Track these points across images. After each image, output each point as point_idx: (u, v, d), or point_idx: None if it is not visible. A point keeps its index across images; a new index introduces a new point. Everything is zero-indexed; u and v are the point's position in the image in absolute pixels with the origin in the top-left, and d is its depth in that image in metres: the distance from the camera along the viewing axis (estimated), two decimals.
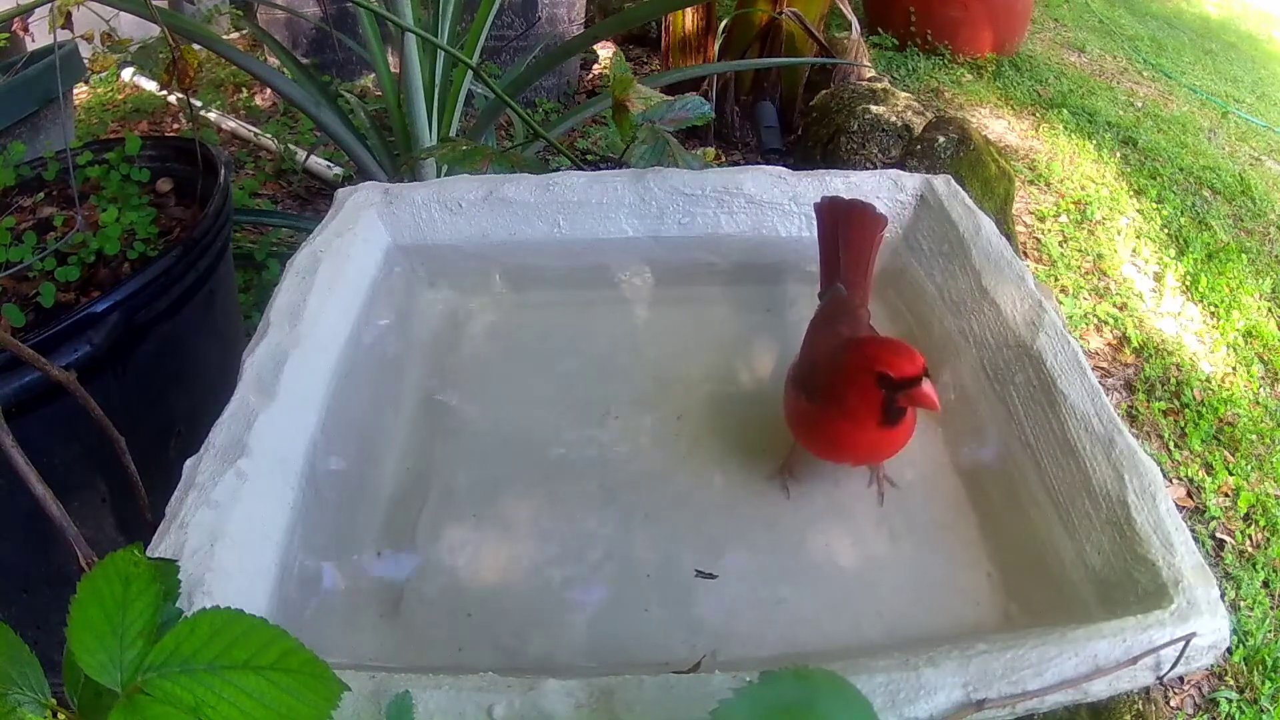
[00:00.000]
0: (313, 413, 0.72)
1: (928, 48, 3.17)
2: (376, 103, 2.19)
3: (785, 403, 0.75)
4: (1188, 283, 2.21)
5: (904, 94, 2.36)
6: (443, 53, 1.49)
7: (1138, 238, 2.34)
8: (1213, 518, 1.62)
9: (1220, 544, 1.59)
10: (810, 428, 0.73)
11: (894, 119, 2.18)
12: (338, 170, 2.10)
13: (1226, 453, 1.76)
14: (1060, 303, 2.04)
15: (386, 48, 1.72)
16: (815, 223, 0.86)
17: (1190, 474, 1.70)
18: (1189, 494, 1.67)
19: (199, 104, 2.27)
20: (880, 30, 3.21)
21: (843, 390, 0.68)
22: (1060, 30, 3.80)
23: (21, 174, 1.21)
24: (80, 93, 2.41)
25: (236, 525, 0.60)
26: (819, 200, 0.86)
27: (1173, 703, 1.36)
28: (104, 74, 2.44)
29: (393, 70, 1.64)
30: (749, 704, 0.43)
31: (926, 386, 0.65)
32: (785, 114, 2.50)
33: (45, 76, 1.49)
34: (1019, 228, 2.24)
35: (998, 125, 2.80)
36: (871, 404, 0.66)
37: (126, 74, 2.48)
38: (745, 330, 0.90)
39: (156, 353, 1.04)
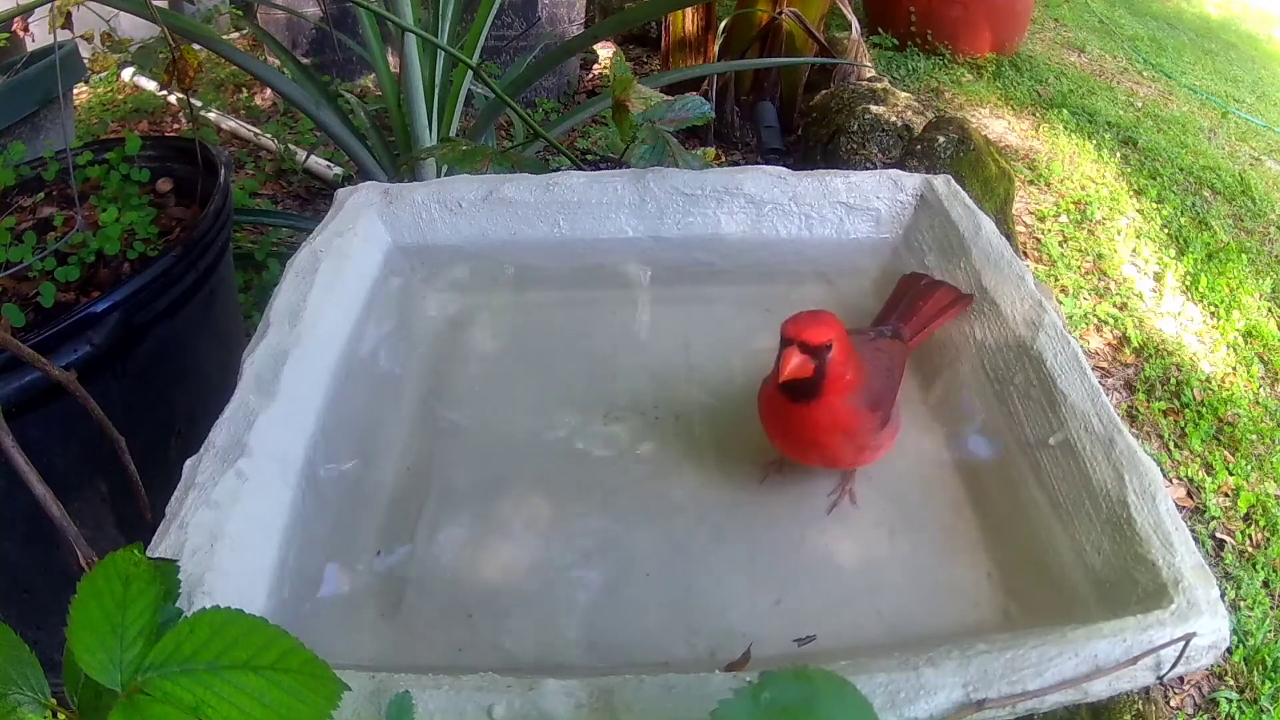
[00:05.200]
0: (313, 413, 0.72)
1: (928, 48, 3.17)
2: (376, 103, 2.19)
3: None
4: (1188, 283, 2.21)
5: (904, 94, 2.36)
6: (443, 53, 1.49)
7: (1138, 238, 2.34)
8: (1213, 518, 1.63)
9: (1220, 544, 1.60)
10: (759, 400, 0.74)
11: (894, 119, 2.18)
12: (338, 170, 2.10)
13: (1226, 453, 1.76)
14: (1060, 303, 2.04)
15: (386, 48, 1.72)
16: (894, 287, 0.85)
17: (1190, 474, 1.70)
18: (1189, 494, 1.67)
19: (199, 104, 2.27)
20: (880, 30, 3.21)
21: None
22: (1060, 30, 3.80)
23: (21, 174, 1.21)
24: (80, 93, 2.41)
25: (236, 525, 0.60)
26: (906, 274, 0.85)
27: (1173, 703, 1.36)
28: (104, 74, 2.44)
29: (393, 70, 1.64)
30: (749, 704, 0.43)
31: (788, 356, 0.64)
32: (785, 114, 2.50)
33: (45, 76, 1.49)
34: (1019, 228, 2.24)
35: (998, 125, 2.80)
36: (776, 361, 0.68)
37: (126, 74, 2.48)
38: (745, 330, 0.90)
39: (156, 353, 1.04)
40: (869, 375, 0.70)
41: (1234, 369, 1.97)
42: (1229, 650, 1.36)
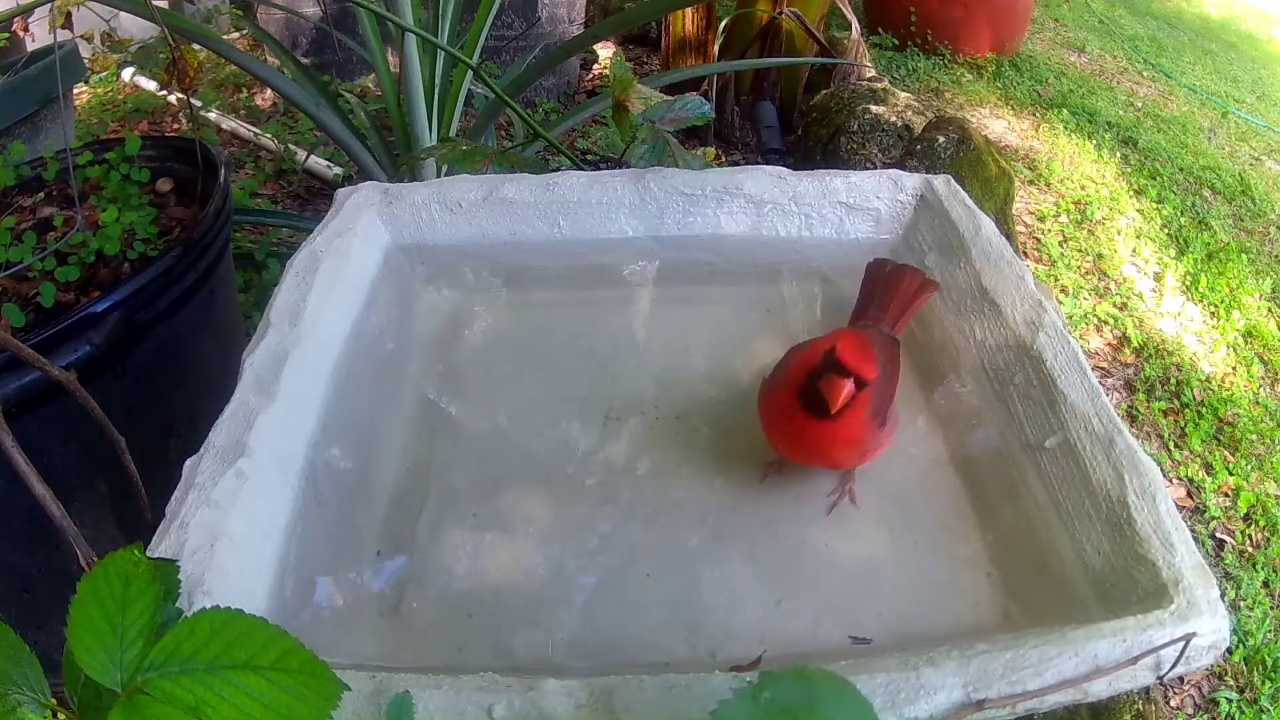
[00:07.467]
0: (313, 413, 0.72)
1: (928, 48, 3.17)
2: (376, 103, 2.19)
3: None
4: (1188, 283, 2.21)
5: (904, 94, 2.36)
6: (443, 53, 1.49)
7: (1138, 238, 2.34)
8: (1213, 518, 1.63)
9: (1220, 544, 1.60)
10: (761, 401, 0.73)
11: (894, 119, 2.18)
12: (338, 170, 2.10)
13: (1226, 453, 1.76)
14: (1060, 303, 2.04)
15: (386, 48, 1.72)
16: (862, 278, 0.85)
17: (1190, 474, 1.70)
18: (1189, 494, 1.67)
19: (199, 104, 2.27)
20: (880, 30, 3.21)
21: (793, 361, 0.70)
22: (1060, 30, 3.80)
23: (21, 174, 1.21)
24: (80, 93, 2.41)
25: (236, 525, 0.60)
26: (872, 261, 0.85)
27: (1173, 703, 1.36)
28: (104, 74, 2.44)
29: (393, 70, 1.64)
30: (749, 704, 0.43)
31: (841, 384, 0.65)
32: (785, 114, 2.50)
33: (45, 76, 1.49)
34: (1019, 228, 2.24)
35: (998, 125, 2.80)
36: (800, 374, 0.67)
37: (126, 74, 2.48)
38: (745, 330, 0.90)
39: (156, 353, 1.04)
40: (877, 383, 0.70)
41: (1234, 369, 1.97)
42: (1229, 650, 1.35)
